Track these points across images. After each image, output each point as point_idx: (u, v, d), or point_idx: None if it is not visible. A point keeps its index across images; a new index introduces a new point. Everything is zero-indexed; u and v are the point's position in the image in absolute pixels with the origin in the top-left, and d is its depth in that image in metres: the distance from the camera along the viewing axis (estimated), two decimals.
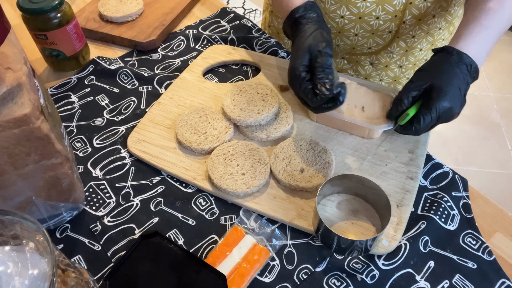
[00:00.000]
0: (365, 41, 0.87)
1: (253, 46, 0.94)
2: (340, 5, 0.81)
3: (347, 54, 0.93)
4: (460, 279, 0.58)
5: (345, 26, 0.84)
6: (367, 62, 0.93)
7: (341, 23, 0.83)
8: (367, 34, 0.85)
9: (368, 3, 0.79)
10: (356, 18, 0.82)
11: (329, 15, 0.83)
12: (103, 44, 0.98)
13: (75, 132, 0.78)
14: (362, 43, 0.87)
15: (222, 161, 0.68)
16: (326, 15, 0.83)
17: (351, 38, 0.86)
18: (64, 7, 0.81)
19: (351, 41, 0.87)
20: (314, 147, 0.70)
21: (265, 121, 0.72)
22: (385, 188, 0.63)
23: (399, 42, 0.88)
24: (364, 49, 0.89)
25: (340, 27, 0.85)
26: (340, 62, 0.96)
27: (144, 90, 0.85)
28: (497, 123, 2.09)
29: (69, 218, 0.64)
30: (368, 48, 0.89)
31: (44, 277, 0.39)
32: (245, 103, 0.74)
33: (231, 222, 0.64)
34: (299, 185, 0.65)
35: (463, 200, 0.66)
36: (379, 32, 0.84)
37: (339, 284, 0.58)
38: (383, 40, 0.86)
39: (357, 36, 0.86)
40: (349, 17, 0.82)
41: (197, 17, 1.05)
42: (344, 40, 0.88)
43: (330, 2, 0.81)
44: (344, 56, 0.94)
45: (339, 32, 0.86)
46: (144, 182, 0.70)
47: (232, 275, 0.57)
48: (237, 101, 0.75)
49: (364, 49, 0.89)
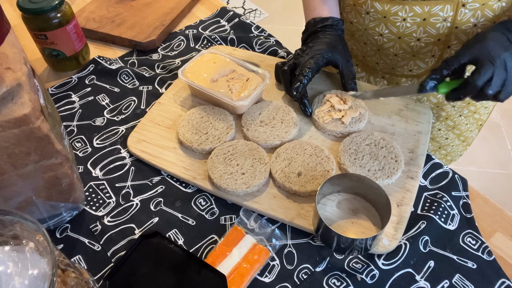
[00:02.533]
0: (405, 63, 0.81)
1: (253, 46, 0.94)
2: (379, 23, 0.76)
3: (387, 74, 0.87)
4: (460, 279, 0.58)
5: (384, 44, 0.79)
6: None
7: (380, 41, 0.79)
8: (408, 56, 0.80)
9: (409, 23, 0.73)
10: (396, 37, 0.76)
11: (368, 32, 0.79)
12: (103, 44, 0.98)
13: (75, 132, 0.78)
14: (402, 65, 0.82)
15: (222, 161, 0.68)
16: (366, 31, 0.79)
17: (391, 58, 0.82)
18: (64, 7, 0.81)
19: (390, 61, 0.83)
20: (318, 153, 0.69)
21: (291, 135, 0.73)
22: (385, 188, 0.63)
23: None
24: (405, 71, 0.83)
25: (379, 45, 0.80)
26: (380, 82, 0.89)
27: (144, 90, 0.85)
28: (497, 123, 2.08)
29: (69, 218, 0.65)
30: (409, 70, 0.83)
31: (44, 277, 0.39)
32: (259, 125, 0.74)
33: (231, 222, 0.64)
34: (293, 188, 0.65)
35: (463, 200, 0.66)
36: (421, 55, 0.78)
37: (339, 284, 0.58)
38: (426, 64, 0.80)
39: (396, 56, 0.81)
40: (388, 36, 0.77)
41: (197, 17, 1.05)
42: (384, 59, 0.83)
43: (369, 19, 0.77)
44: (384, 76, 0.88)
45: (378, 50, 0.82)
46: (144, 182, 0.70)
47: (232, 275, 0.57)
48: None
49: (405, 71, 0.83)
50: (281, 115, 0.75)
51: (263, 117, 0.75)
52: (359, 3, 0.76)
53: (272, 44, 0.93)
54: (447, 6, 0.69)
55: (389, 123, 0.74)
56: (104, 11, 1.01)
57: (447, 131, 0.90)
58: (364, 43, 0.83)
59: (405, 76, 0.85)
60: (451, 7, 0.69)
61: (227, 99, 0.74)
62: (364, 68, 0.90)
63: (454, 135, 0.91)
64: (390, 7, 0.72)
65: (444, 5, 0.69)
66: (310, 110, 0.75)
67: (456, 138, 0.92)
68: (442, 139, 0.92)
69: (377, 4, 0.73)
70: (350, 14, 0.80)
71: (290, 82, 0.75)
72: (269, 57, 0.89)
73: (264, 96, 0.80)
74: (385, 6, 0.72)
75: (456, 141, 0.93)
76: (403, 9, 0.71)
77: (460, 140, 0.93)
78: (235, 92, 0.75)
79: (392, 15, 0.73)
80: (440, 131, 0.90)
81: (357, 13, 0.78)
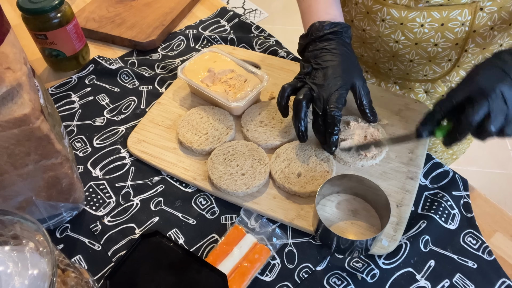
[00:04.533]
0: (421, 68, 0.80)
1: (253, 46, 0.94)
2: (395, 29, 0.74)
3: (400, 79, 0.85)
4: (460, 278, 0.58)
5: (400, 51, 0.77)
6: (421, 90, 0.85)
7: (395, 47, 0.77)
8: (424, 61, 0.78)
9: (426, 29, 0.71)
10: (412, 44, 0.75)
11: (383, 39, 0.77)
12: (103, 44, 0.98)
13: (75, 132, 0.78)
14: (417, 70, 0.80)
15: (222, 162, 0.68)
16: (380, 38, 0.77)
17: (405, 64, 0.80)
18: (64, 7, 0.81)
19: (405, 67, 0.81)
20: (318, 154, 0.69)
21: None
22: (385, 188, 0.63)
23: (459, 71, 0.79)
24: (419, 76, 0.82)
25: (394, 52, 0.78)
26: (392, 87, 0.87)
27: (144, 90, 0.85)
28: None
29: (69, 218, 0.64)
30: (424, 75, 0.81)
31: (44, 277, 0.39)
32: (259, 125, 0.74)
33: (231, 221, 0.64)
34: (292, 189, 0.65)
35: (464, 199, 0.66)
36: (437, 59, 0.77)
37: (339, 283, 0.58)
38: (441, 69, 0.79)
39: (412, 62, 0.79)
40: (404, 42, 0.75)
41: (197, 17, 1.05)
42: (398, 65, 0.81)
43: (384, 26, 0.74)
44: (396, 81, 0.86)
45: (392, 56, 0.80)
46: (144, 181, 0.70)
47: (232, 274, 0.57)
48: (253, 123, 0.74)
49: (419, 76, 0.82)
50: (281, 115, 0.74)
51: (262, 117, 0.75)
52: (374, 11, 0.74)
53: (272, 44, 0.93)
54: (465, 11, 0.68)
55: (389, 123, 0.74)
56: (104, 11, 1.01)
57: None
58: (377, 50, 0.81)
59: (419, 81, 0.84)
60: (469, 11, 0.68)
61: (223, 99, 0.74)
62: (375, 74, 0.89)
63: None
64: (407, 14, 0.71)
65: (462, 9, 0.68)
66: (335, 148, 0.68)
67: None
68: None
69: (394, 11, 0.71)
70: (363, 22, 0.78)
71: (304, 115, 0.65)
72: (269, 56, 0.89)
73: (263, 96, 0.80)
74: (402, 13, 0.71)
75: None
76: (421, 15, 0.70)
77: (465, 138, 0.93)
78: (231, 93, 0.75)
79: (410, 22, 0.72)
80: None
81: (370, 20, 0.76)
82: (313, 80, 0.64)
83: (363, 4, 0.76)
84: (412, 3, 0.70)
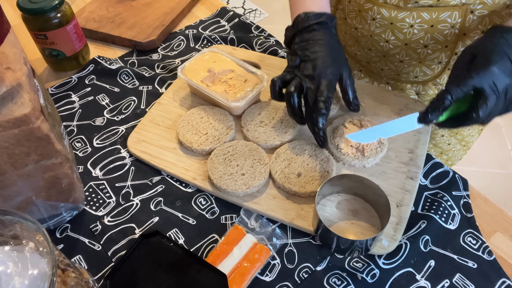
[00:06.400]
0: (411, 69, 0.80)
1: (253, 46, 0.94)
2: (385, 29, 0.74)
3: (391, 80, 0.86)
4: (460, 278, 0.58)
5: (390, 51, 0.78)
6: (412, 92, 0.85)
7: (386, 47, 0.77)
8: (414, 62, 0.78)
9: (416, 30, 0.71)
10: (402, 44, 0.75)
11: (374, 38, 0.77)
12: (103, 44, 0.98)
13: (75, 132, 0.78)
14: (407, 71, 0.81)
15: (222, 162, 0.68)
16: (371, 37, 0.78)
17: (396, 64, 0.80)
18: (64, 7, 0.81)
19: (396, 67, 0.81)
20: (318, 154, 0.69)
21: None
22: (385, 188, 0.63)
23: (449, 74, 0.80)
24: (410, 77, 0.82)
25: (385, 51, 0.79)
26: (384, 87, 0.88)
27: (144, 90, 0.85)
28: (497, 123, 2.08)
29: (69, 218, 0.65)
30: (415, 77, 0.82)
31: (44, 277, 0.39)
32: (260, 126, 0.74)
33: (231, 221, 0.64)
34: (292, 189, 0.65)
35: (464, 199, 0.66)
36: (427, 61, 0.77)
37: (339, 283, 0.58)
38: (432, 71, 0.79)
39: (402, 63, 0.79)
40: (394, 42, 0.75)
41: (197, 17, 1.05)
42: (389, 65, 0.82)
43: (375, 25, 0.75)
44: (388, 82, 0.87)
45: (383, 56, 0.80)
46: (144, 181, 0.70)
47: (232, 274, 0.57)
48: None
49: (410, 77, 0.82)
50: (281, 115, 0.75)
51: (262, 117, 0.75)
52: (365, 9, 0.74)
53: (272, 44, 0.93)
54: (455, 13, 0.68)
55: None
56: (104, 11, 1.01)
57: (449, 137, 0.90)
58: (369, 49, 0.82)
59: (410, 83, 0.84)
60: (459, 13, 0.68)
61: (223, 99, 0.74)
62: (368, 73, 0.90)
63: (456, 141, 0.91)
64: (397, 14, 0.71)
65: (452, 11, 0.68)
66: (326, 143, 0.67)
67: (457, 143, 0.92)
68: (445, 144, 0.91)
69: (384, 11, 0.72)
70: (355, 20, 0.79)
71: (299, 106, 0.65)
72: (269, 56, 0.89)
73: (263, 96, 0.80)
74: (392, 13, 0.71)
75: (457, 146, 0.93)
76: (410, 15, 0.70)
77: (461, 145, 0.93)
78: (231, 93, 0.75)
79: (399, 22, 0.72)
80: (443, 137, 0.90)
81: (362, 19, 0.77)
82: (303, 72, 0.64)
83: (355, 2, 0.76)
84: (401, 3, 0.70)
